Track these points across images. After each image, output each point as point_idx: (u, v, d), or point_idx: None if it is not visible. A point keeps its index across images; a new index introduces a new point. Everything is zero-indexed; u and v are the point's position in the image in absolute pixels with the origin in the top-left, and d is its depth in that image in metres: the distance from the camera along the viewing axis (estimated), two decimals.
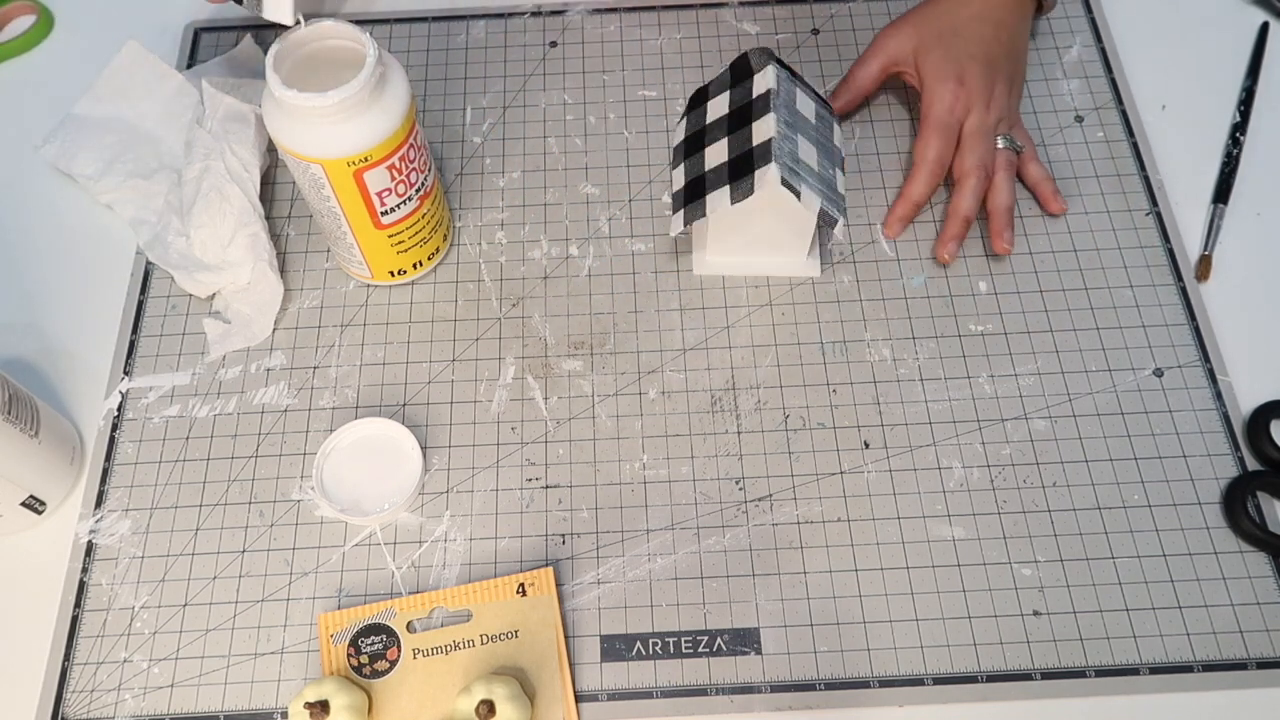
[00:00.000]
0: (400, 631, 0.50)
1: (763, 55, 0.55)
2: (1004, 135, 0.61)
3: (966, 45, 0.61)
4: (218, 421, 0.57)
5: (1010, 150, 0.61)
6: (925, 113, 0.61)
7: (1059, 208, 0.61)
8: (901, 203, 0.61)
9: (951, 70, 0.60)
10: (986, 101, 0.60)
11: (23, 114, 0.69)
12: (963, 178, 0.60)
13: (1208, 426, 0.56)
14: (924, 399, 0.57)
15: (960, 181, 0.60)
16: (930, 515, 0.53)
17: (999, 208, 0.60)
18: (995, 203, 0.60)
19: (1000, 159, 0.60)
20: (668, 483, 0.55)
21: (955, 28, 0.61)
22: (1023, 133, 0.63)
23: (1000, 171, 0.60)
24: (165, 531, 0.54)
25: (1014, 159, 0.61)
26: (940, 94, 0.60)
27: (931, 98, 0.61)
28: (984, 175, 0.60)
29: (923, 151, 0.60)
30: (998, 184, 0.60)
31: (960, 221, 0.59)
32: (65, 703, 0.50)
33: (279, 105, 0.49)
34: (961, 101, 0.60)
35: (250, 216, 0.59)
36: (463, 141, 0.66)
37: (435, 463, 0.56)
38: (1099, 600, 0.51)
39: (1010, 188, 0.60)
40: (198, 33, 0.72)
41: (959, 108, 0.60)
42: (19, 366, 0.59)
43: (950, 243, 0.59)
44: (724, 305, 0.60)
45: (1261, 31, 0.69)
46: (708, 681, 0.50)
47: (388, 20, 0.72)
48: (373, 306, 0.60)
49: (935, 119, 0.60)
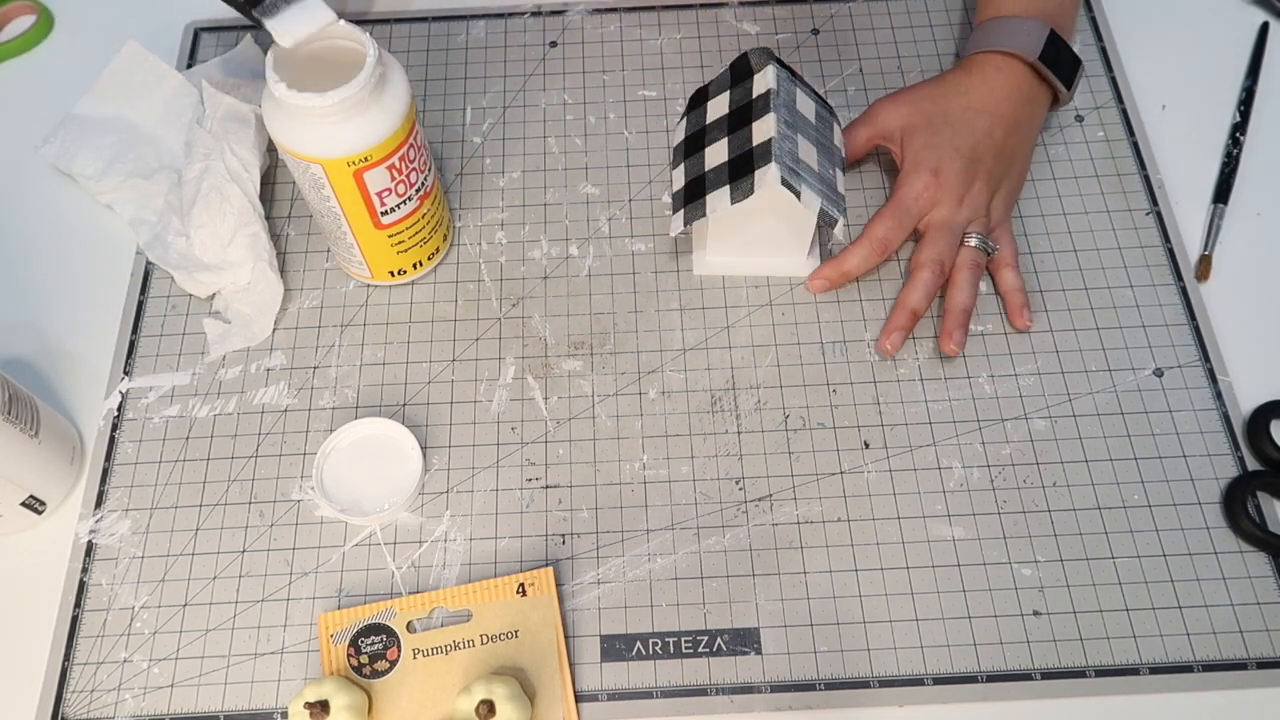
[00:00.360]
0: (400, 631, 0.50)
1: (763, 55, 0.55)
2: (978, 234, 0.58)
3: (954, 137, 0.58)
4: (218, 421, 0.57)
5: (980, 251, 0.58)
6: (893, 193, 0.59)
7: (1023, 323, 0.57)
8: (832, 266, 0.59)
9: (930, 160, 0.58)
10: (959, 198, 0.58)
11: (23, 114, 0.69)
12: (915, 270, 0.57)
13: (1208, 426, 0.56)
14: (924, 399, 0.57)
15: (913, 274, 0.57)
16: (930, 515, 0.53)
17: (954, 307, 0.57)
18: (951, 301, 0.57)
19: (964, 257, 0.58)
20: (668, 483, 0.55)
21: (947, 116, 0.59)
22: (1007, 236, 0.60)
23: (962, 270, 0.57)
24: (165, 531, 0.54)
25: (981, 260, 0.58)
26: (912, 181, 0.58)
27: (902, 181, 0.59)
28: (939, 271, 0.57)
29: (873, 227, 0.58)
30: (956, 282, 0.57)
31: (906, 313, 0.57)
32: (65, 703, 0.50)
33: (279, 105, 0.49)
34: (930, 193, 0.58)
35: (250, 216, 0.59)
36: (463, 141, 0.66)
37: (435, 463, 0.56)
38: (1099, 600, 0.51)
39: (970, 289, 0.57)
40: (198, 33, 0.72)
41: (925, 199, 0.58)
42: (19, 366, 0.59)
43: (894, 333, 0.56)
44: (724, 305, 0.60)
45: (1261, 31, 0.69)
46: (708, 681, 0.50)
47: (388, 20, 0.72)
48: (373, 306, 0.60)
49: (897, 201, 0.58)
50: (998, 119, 0.59)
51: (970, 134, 0.58)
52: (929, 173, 0.58)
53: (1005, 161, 0.59)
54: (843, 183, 0.56)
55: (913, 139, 0.59)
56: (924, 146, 0.59)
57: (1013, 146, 0.59)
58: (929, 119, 0.59)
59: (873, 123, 0.61)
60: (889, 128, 0.61)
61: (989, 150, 0.58)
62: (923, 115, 0.60)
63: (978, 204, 0.58)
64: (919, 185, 0.58)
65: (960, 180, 0.58)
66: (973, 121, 0.59)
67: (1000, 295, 0.59)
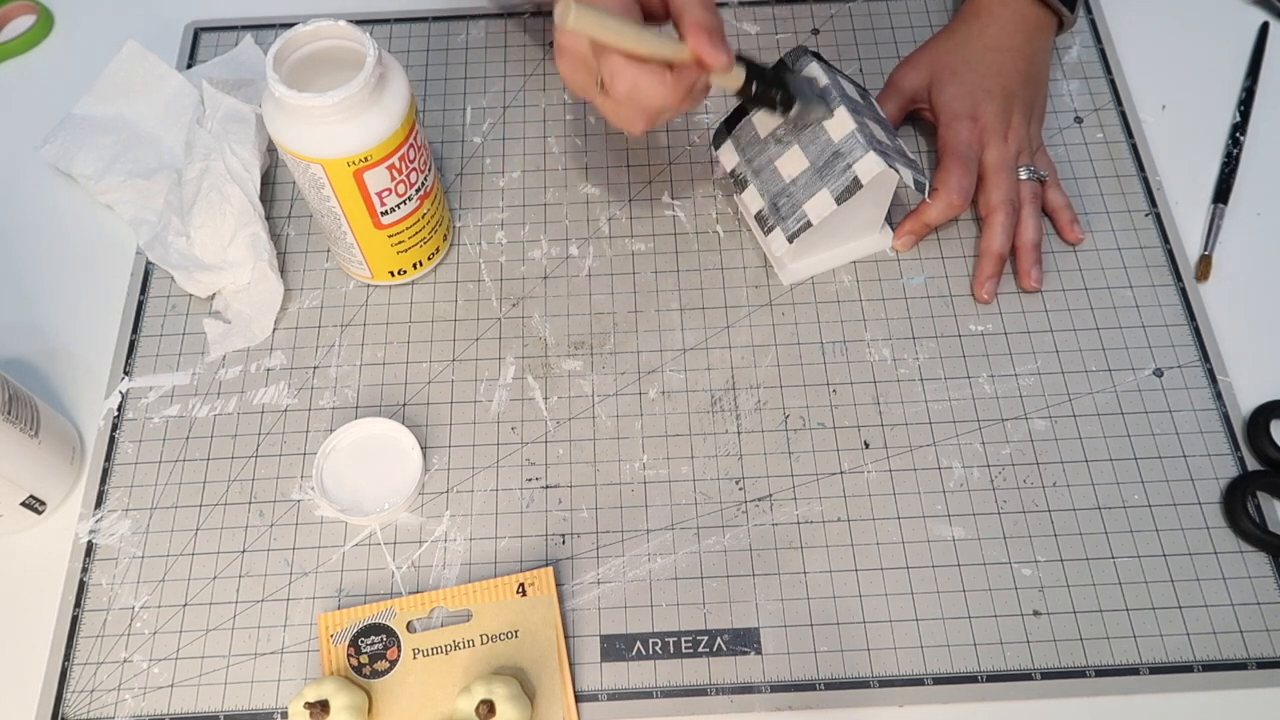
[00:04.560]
0: (400, 631, 0.50)
1: (798, 54, 0.56)
2: (1026, 166, 0.60)
3: (981, 79, 0.60)
4: (218, 421, 0.57)
5: (1034, 181, 0.60)
6: (943, 147, 0.60)
7: (1075, 237, 0.60)
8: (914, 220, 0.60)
9: (965, 107, 0.60)
10: (1004, 134, 0.59)
11: (23, 114, 0.69)
12: (990, 214, 0.59)
13: (1208, 426, 0.56)
14: (924, 399, 0.57)
15: (989, 219, 0.59)
16: (930, 515, 0.53)
17: (1026, 244, 0.59)
18: (1022, 238, 0.59)
19: (1026, 191, 0.59)
20: (668, 483, 0.55)
21: (969, 61, 0.61)
22: (1045, 158, 0.62)
23: (1026, 205, 0.59)
24: (165, 531, 0.54)
25: (1039, 190, 0.60)
26: (955, 131, 0.59)
27: (947, 134, 0.60)
28: (1011, 210, 0.59)
29: (944, 179, 0.59)
30: (1024, 218, 0.59)
31: (994, 260, 0.58)
32: (65, 703, 0.50)
33: (279, 105, 0.49)
34: (975, 138, 0.59)
35: (250, 216, 0.59)
36: (463, 141, 0.66)
37: (435, 463, 0.56)
38: (1099, 600, 0.51)
39: (1037, 222, 0.59)
40: (198, 33, 0.72)
41: (975, 143, 0.59)
42: (19, 366, 0.59)
43: (987, 282, 0.58)
44: (724, 305, 0.60)
45: (1261, 31, 0.69)
46: (708, 681, 0.50)
47: (388, 20, 0.72)
48: (373, 306, 0.60)
49: (954, 151, 0.59)
50: (1016, 52, 0.60)
51: (996, 73, 0.60)
52: (968, 119, 0.59)
53: (1032, 89, 0.61)
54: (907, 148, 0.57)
55: (941, 92, 0.61)
56: (954, 96, 0.60)
57: (1035, 74, 0.61)
58: (951, 69, 0.61)
59: (898, 90, 0.63)
60: (915, 89, 0.62)
61: (1017, 83, 0.60)
62: (944, 67, 0.61)
63: (1022, 136, 0.60)
64: (963, 134, 0.59)
65: (999, 119, 0.59)
66: (994, 60, 0.60)
67: (1049, 214, 0.61)
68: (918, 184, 0.55)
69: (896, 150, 0.55)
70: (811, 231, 0.55)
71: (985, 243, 0.59)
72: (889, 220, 0.61)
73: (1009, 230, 0.59)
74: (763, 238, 0.58)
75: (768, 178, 0.56)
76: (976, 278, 0.59)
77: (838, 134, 0.53)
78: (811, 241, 0.58)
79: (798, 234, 0.55)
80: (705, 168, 0.65)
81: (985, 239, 0.59)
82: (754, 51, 0.69)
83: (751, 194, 0.57)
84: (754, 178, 0.57)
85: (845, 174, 0.53)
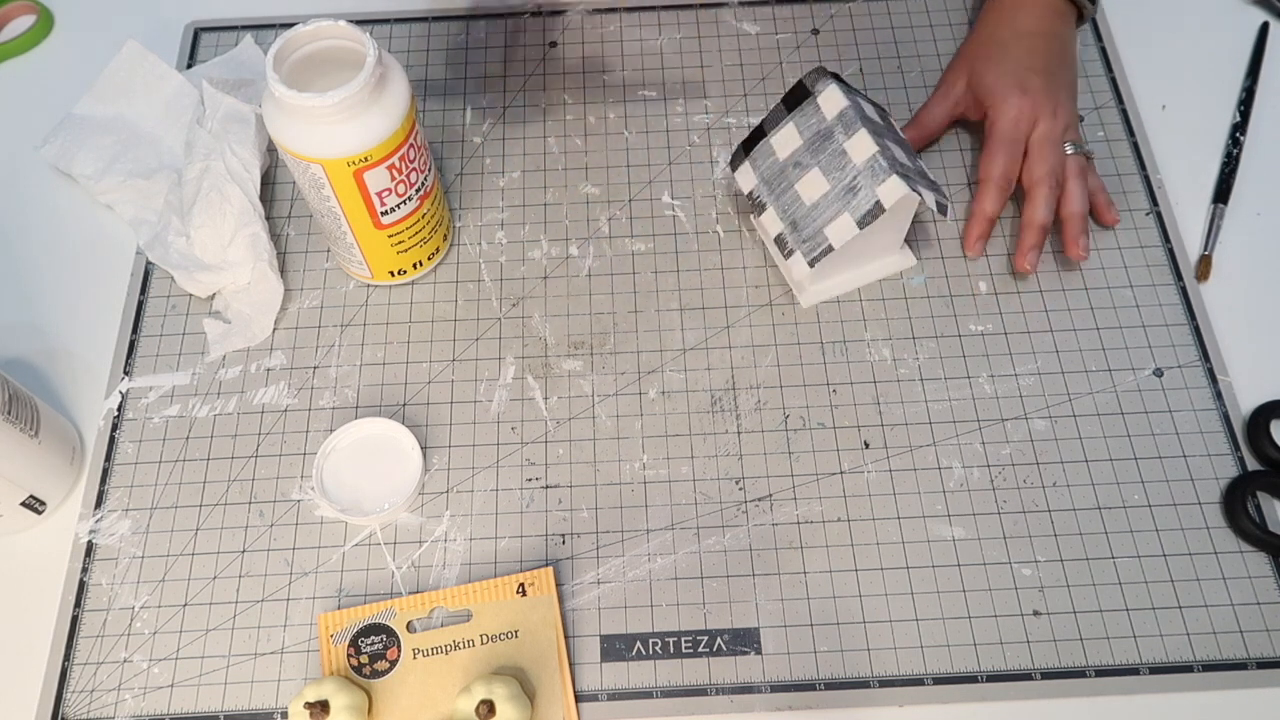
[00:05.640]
0: (400, 631, 0.50)
1: (818, 75, 0.55)
2: (1072, 142, 0.60)
3: (1020, 58, 0.60)
4: (218, 421, 0.57)
5: (1080, 155, 0.60)
6: (990, 128, 0.60)
7: (1111, 219, 0.60)
8: (976, 222, 0.60)
9: (1012, 81, 0.60)
10: (1053, 109, 0.59)
11: (23, 114, 0.69)
12: (1034, 187, 0.59)
13: (1208, 426, 0.56)
14: (924, 399, 0.57)
15: (1032, 191, 0.59)
16: (930, 515, 0.53)
17: (1073, 214, 0.59)
18: (1069, 209, 0.59)
19: (1071, 165, 0.60)
20: (668, 483, 0.55)
21: (1004, 44, 0.61)
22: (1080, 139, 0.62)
23: (1072, 178, 0.59)
24: (165, 531, 0.54)
25: (1085, 165, 0.60)
26: (1005, 108, 0.59)
27: (996, 113, 0.60)
28: (1055, 184, 0.59)
29: (988, 168, 0.59)
30: (1070, 190, 0.59)
31: (1037, 230, 0.58)
32: (65, 703, 0.50)
33: (279, 105, 0.49)
34: (1027, 112, 0.59)
35: (250, 216, 0.59)
36: (463, 141, 0.66)
37: (435, 463, 0.56)
38: (1099, 600, 0.51)
39: (1083, 194, 0.59)
40: (198, 33, 0.72)
41: (1024, 120, 0.59)
42: (19, 366, 0.59)
43: (1030, 252, 0.58)
44: (724, 305, 0.60)
45: (1261, 31, 0.69)
46: (708, 681, 0.50)
47: (388, 20, 0.72)
48: (373, 306, 0.60)
49: (1000, 133, 0.59)
50: (1047, 36, 0.62)
51: (1033, 52, 0.61)
52: (1017, 93, 0.60)
53: (1069, 70, 0.62)
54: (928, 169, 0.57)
55: (984, 76, 0.61)
56: (999, 76, 0.61)
57: (1069, 58, 0.63)
58: (988, 53, 0.62)
59: (946, 93, 0.63)
60: (955, 84, 0.63)
61: (1056, 62, 0.61)
62: (981, 52, 0.62)
63: (1069, 112, 0.61)
64: (1013, 109, 0.60)
65: (1047, 94, 0.60)
66: (1028, 43, 0.61)
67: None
68: (939, 206, 0.54)
69: (918, 172, 0.55)
70: (832, 255, 0.55)
71: (1028, 214, 0.59)
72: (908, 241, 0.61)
73: (1051, 203, 0.59)
74: (782, 261, 0.58)
75: (787, 201, 0.56)
76: (1019, 248, 0.59)
77: (859, 157, 0.53)
78: (832, 264, 0.57)
79: (819, 258, 0.55)
80: (705, 168, 0.65)
81: (1028, 210, 0.59)
82: (754, 52, 0.69)
83: (770, 217, 0.57)
84: (773, 200, 0.56)
85: (867, 198, 0.53)
